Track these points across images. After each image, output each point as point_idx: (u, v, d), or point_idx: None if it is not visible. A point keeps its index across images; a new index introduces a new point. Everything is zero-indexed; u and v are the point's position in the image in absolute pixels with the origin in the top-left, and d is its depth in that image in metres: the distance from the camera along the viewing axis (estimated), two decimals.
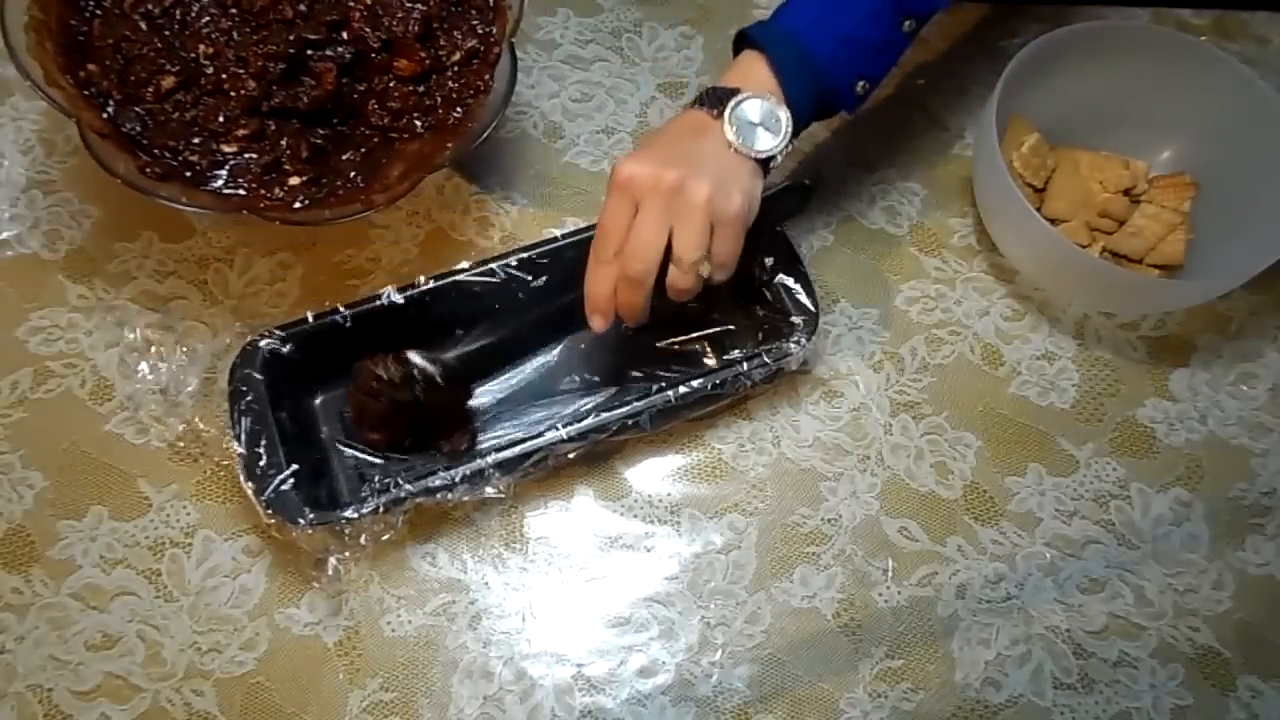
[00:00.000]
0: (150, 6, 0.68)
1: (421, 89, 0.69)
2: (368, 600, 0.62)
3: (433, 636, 0.62)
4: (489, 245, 0.73)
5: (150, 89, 0.65)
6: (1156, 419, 0.71)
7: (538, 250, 0.66)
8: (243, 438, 0.59)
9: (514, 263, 0.66)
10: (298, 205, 0.64)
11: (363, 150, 0.67)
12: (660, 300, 0.58)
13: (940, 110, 0.81)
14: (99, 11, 0.67)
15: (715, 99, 0.59)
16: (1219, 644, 0.64)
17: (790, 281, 0.66)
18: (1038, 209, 0.70)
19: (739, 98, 0.58)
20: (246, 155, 0.65)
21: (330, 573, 0.60)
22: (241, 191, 0.64)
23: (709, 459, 0.67)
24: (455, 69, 0.70)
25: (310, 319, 0.63)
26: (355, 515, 0.58)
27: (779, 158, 0.59)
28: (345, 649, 0.61)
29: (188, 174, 0.64)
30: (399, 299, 0.64)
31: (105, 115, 0.64)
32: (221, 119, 0.65)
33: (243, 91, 0.66)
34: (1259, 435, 0.70)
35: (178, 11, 0.68)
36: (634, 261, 0.56)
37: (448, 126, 0.67)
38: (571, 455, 0.64)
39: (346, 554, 0.60)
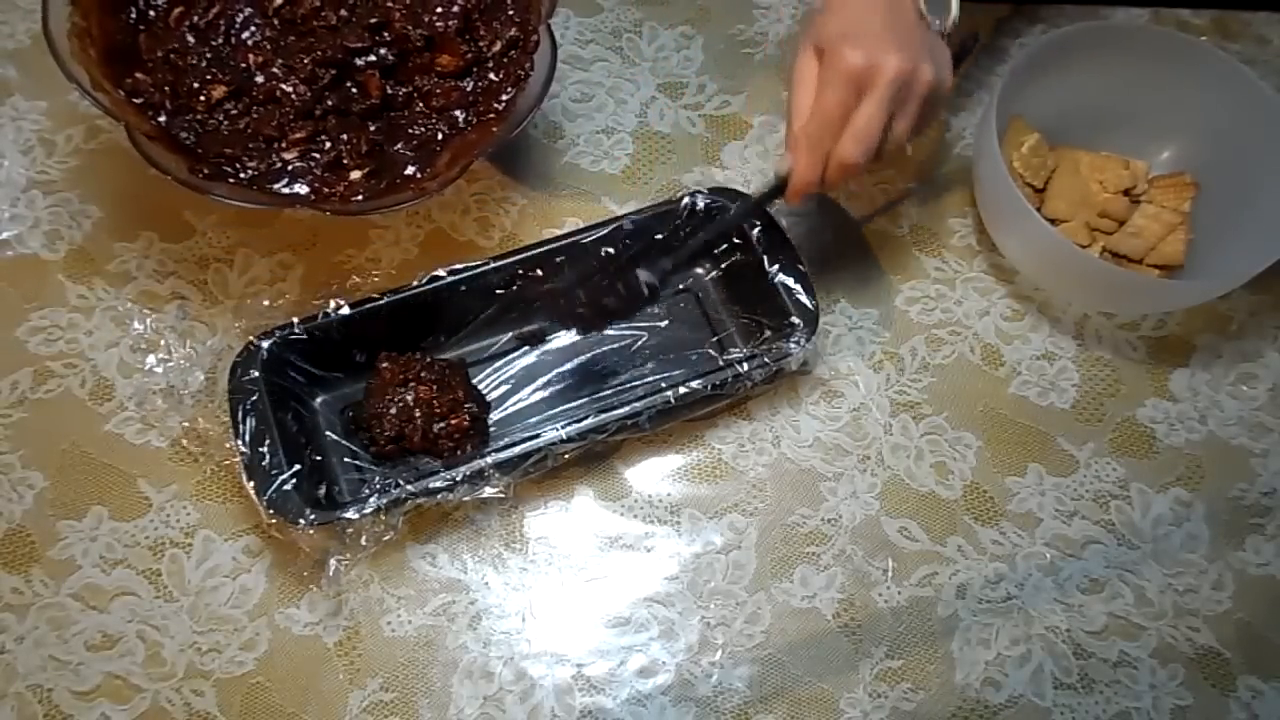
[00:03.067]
0: (195, 19, 0.68)
1: (464, 83, 0.69)
2: (368, 600, 0.62)
3: (433, 636, 0.62)
4: (489, 245, 0.73)
5: (201, 99, 0.65)
6: (1156, 419, 0.71)
7: (539, 250, 0.66)
8: (246, 437, 0.59)
9: (516, 261, 0.66)
10: (359, 198, 0.64)
11: (414, 141, 0.68)
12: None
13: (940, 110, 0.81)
14: (143, 25, 0.67)
15: None
16: (1219, 644, 0.64)
17: (790, 281, 0.66)
18: (1038, 209, 0.70)
19: None
20: (309, 158, 0.66)
21: (330, 573, 0.60)
22: (302, 189, 0.65)
23: (709, 459, 0.67)
24: (496, 59, 0.70)
25: (310, 318, 0.63)
26: (356, 515, 0.58)
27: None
28: (345, 649, 0.61)
29: (247, 179, 0.64)
30: (399, 298, 0.64)
31: (157, 123, 0.64)
32: (275, 124, 0.66)
33: (294, 99, 0.66)
34: (1259, 435, 0.70)
35: (222, 23, 0.68)
36: (856, 150, 0.56)
37: (493, 114, 0.68)
38: (571, 455, 0.63)
39: (347, 554, 0.60)
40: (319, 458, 0.63)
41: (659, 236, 0.68)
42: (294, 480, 0.58)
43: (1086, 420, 0.70)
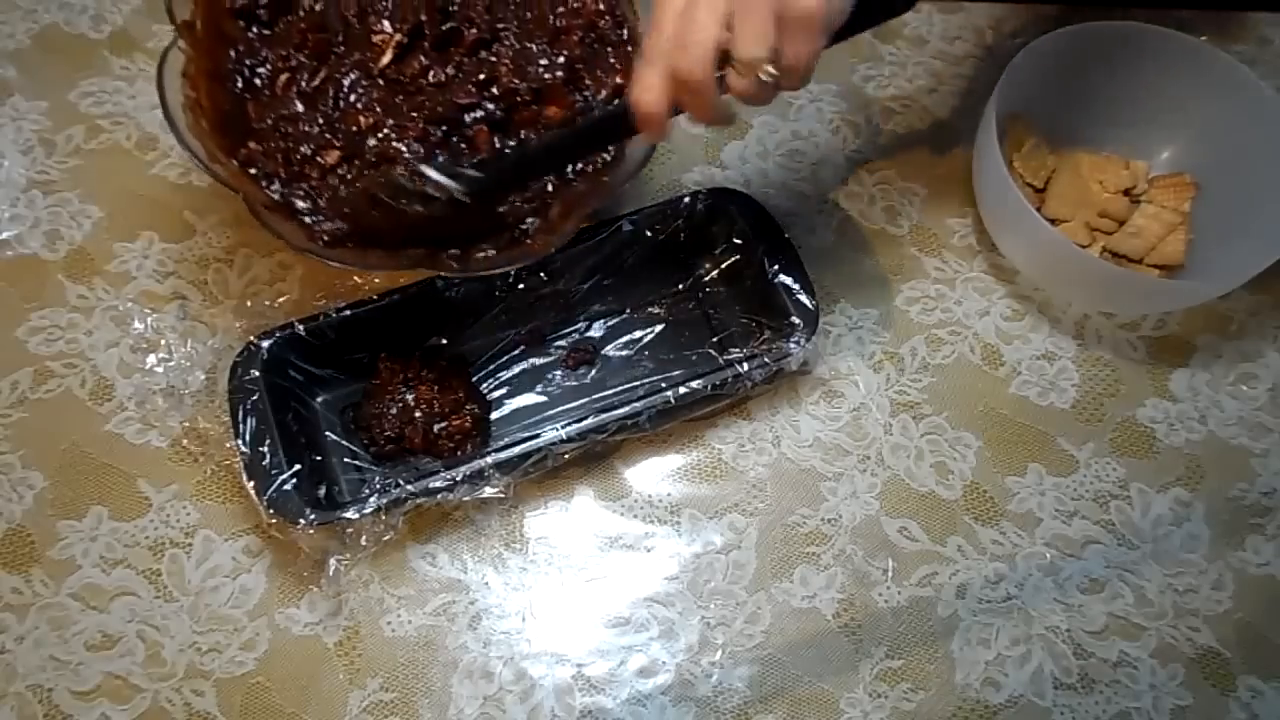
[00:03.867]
0: (303, 84, 0.66)
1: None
2: (368, 600, 0.62)
3: (433, 636, 0.62)
4: None
5: (315, 164, 0.64)
6: (1156, 419, 0.71)
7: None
8: (246, 437, 0.59)
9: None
10: (480, 256, 0.62)
11: (528, 195, 0.65)
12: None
13: (940, 110, 0.81)
14: (249, 94, 0.65)
15: None
16: (1219, 644, 0.64)
17: (790, 281, 0.66)
18: (1038, 209, 0.70)
19: None
20: None
21: (330, 573, 0.60)
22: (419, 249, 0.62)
23: (709, 459, 0.67)
24: (601, 108, 0.67)
25: (311, 318, 0.63)
26: (356, 515, 0.58)
27: None
28: (345, 649, 0.61)
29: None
30: (399, 299, 0.64)
31: (273, 192, 0.62)
32: None
33: (407, 157, 0.63)
34: (1259, 435, 0.70)
35: (329, 88, 0.66)
36: (681, 56, 0.47)
37: (599, 164, 0.65)
38: (571, 455, 0.63)
39: (347, 554, 0.60)
40: (319, 458, 0.63)
41: (660, 237, 0.69)
42: (294, 480, 0.58)
43: (1086, 420, 0.70)
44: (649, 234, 0.68)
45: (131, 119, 0.76)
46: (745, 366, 0.63)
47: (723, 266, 0.70)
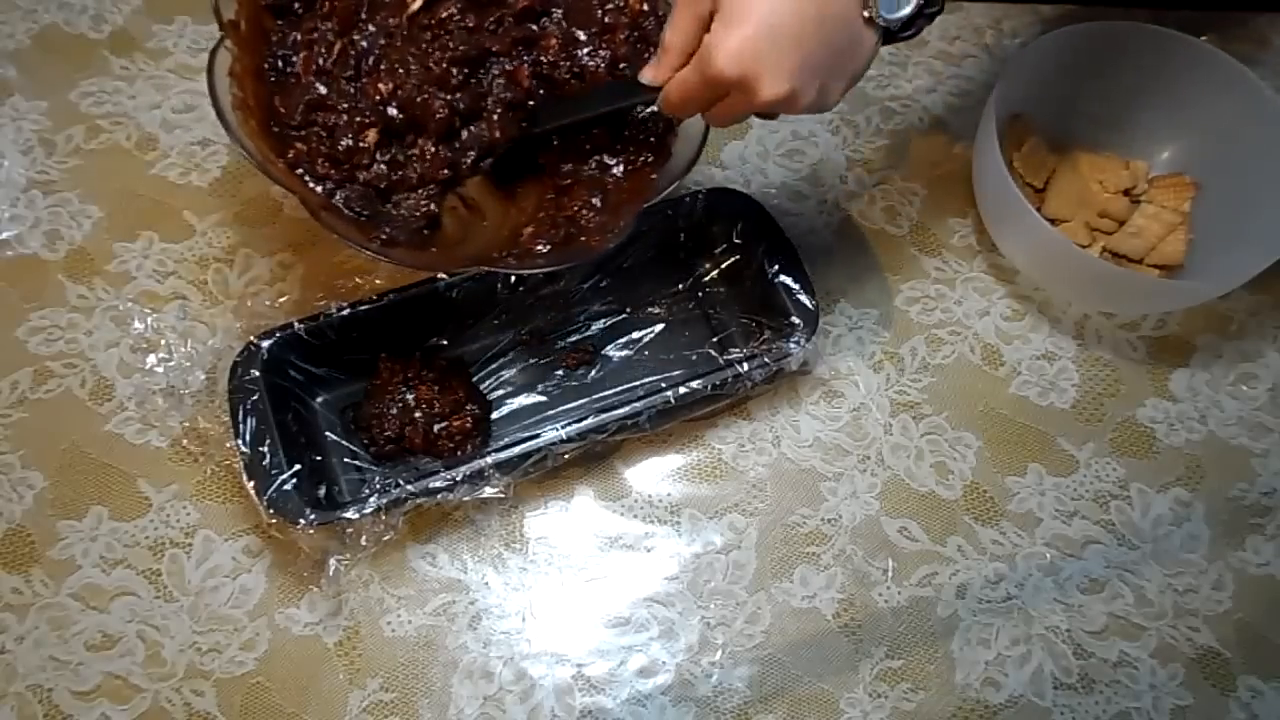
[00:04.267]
0: (321, 61, 0.61)
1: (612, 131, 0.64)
2: (368, 600, 0.62)
3: (433, 636, 0.62)
4: None
5: (360, 154, 0.60)
6: (1156, 419, 0.71)
7: None
8: (246, 437, 0.59)
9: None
10: (541, 249, 0.60)
11: (566, 192, 0.63)
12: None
13: (940, 110, 0.81)
14: (277, 86, 0.61)
15: None
16: (1219, 644, 0.64)
17: (790, 281, 0.66)
18: (1038, 209, 0.70)
19: None
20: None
21: (330, 573, 0.60)
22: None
23: (709, 459, 0.67)
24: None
25: (311, 318, 0.63)
26: (356, 515, 0.58)
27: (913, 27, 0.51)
28: (345, 649, 0.61)
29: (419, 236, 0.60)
30: (399, 299, 0.64)
31: (328, 195, 0.60)
32: (446, 172, 0.61)
33: (436, 114, 0.60)
34: (1259, 435, 0.70)
35: (348, 58, 0.62)
36: (715, 122, 0.55)
37: (647, 160, 0.63)
38: (571, 455, 0.63)
39: (347, 554, 0.60)
40: (319, 458, 0.63)
41: (659, 237, 0.69)
42: (294, 480, 0.58)
43: (1086, 420, 0.70)
44: (649, 234, 0.68)
45: (131, 119, 0.76)
46: (745, 366, 0.63)
47: (723, 266, 0.70)
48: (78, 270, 0.71)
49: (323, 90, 0.61)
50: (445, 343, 0.67)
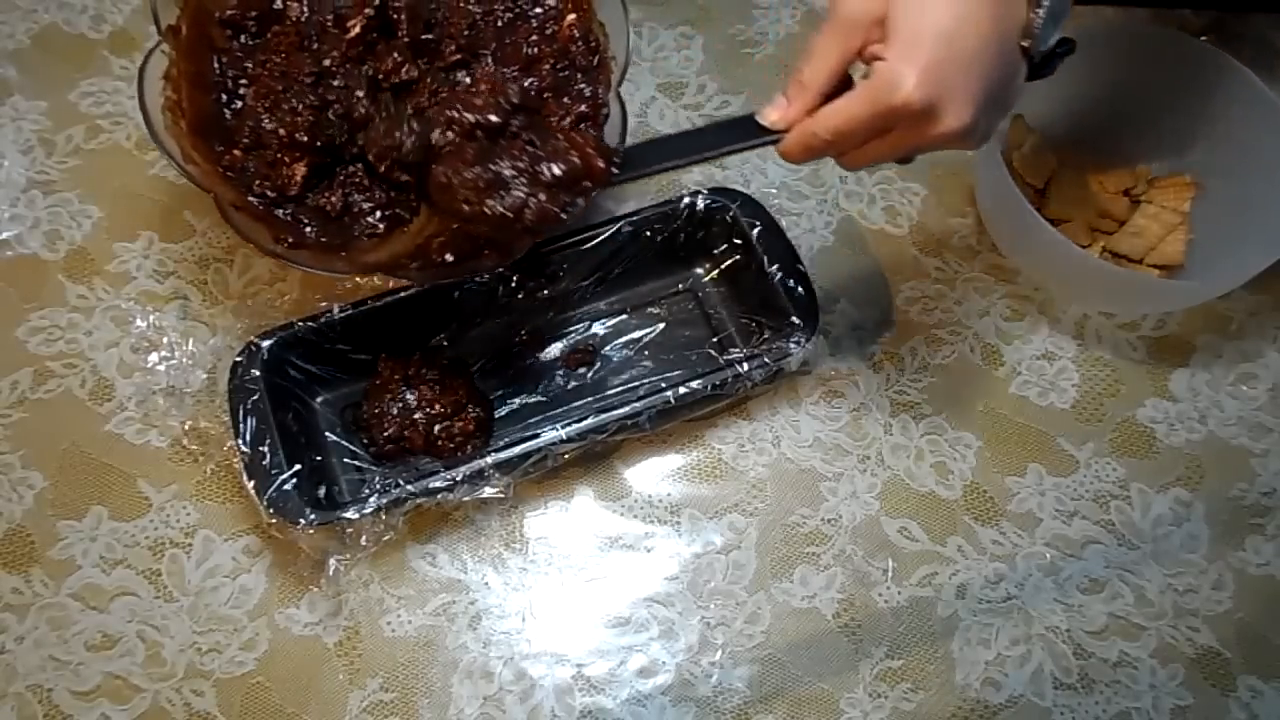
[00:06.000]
0: (268, 88, 0.64)
1: None
2: (368, 600, 0.62)
3: (433, 636, 0.62)
4: None
5: (286, 175, 0.63)
6: (1156, 419, 0.71)
7: (539, 250, 0.66)
8: (246, 437, 0.59)
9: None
10: (445, 260, 0.60)
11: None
12: None
13: None
14: (227, 107, 0.64)
15: None
16: (1219, 644, 0.64)
17: (790, 281, 0.66)
18: (1038, 209, 0.70)
19: None
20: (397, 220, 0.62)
21: (330, 573, 0.60)
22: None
23: (709, 459, 0.67)
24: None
25: (311, 318, 0.63)
26: (356, 515, 0.58)
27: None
28: (345, 649, 0.61)
29: (337, 240, 0.62)
30: (399, 298, 0.64)
31: (242, 192, 0.62)
32: (364, 200, 0.63)
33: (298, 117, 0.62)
34: (1259, 435, 0.70)
35: (289, 84, 0.64)
36: (849, 166, 0.51)
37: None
38: (571, 455, 0.63)
39: (347, 554, 0.60)
40: (319, 458, 0.63)
41: (658, 238, 0.69)
42: (294, 480, 0.58)
43: (1086, 420, 0.70)
44: (649, 234, 0.68)
45: (131, 119, 0.76)
46: (745, 366, 0.63)
47: (723, 266, 0.70)
48: (78, 270, 0.71)
49: (266, 124, 0.63)
50: (446, 342, 0.67)
